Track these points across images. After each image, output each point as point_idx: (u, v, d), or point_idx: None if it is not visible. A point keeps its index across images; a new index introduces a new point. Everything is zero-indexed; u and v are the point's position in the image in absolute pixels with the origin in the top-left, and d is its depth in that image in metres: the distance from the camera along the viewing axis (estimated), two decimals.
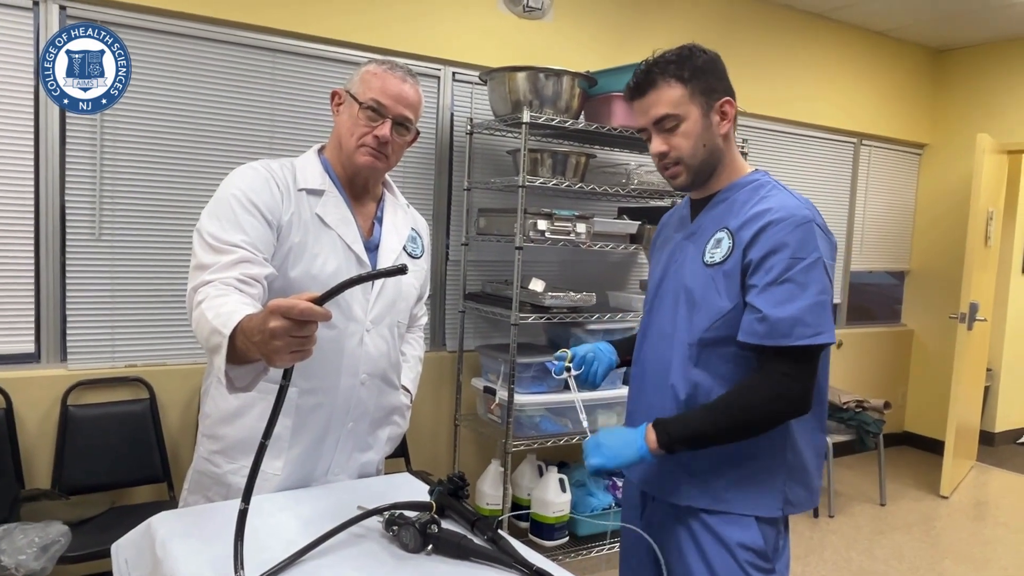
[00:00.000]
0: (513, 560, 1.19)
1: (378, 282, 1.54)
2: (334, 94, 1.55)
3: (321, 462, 1.52)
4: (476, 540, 1.24)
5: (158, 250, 2.70)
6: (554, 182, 2.94)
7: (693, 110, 1.43)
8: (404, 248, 1.61)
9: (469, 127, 3.22)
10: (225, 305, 1.18)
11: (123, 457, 2.59)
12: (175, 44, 2.66)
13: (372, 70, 1.49)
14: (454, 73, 3.25)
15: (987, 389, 5.16)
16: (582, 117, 3.03)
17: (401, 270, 0.98)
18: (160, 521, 1.28)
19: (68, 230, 2.56)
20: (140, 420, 2.64)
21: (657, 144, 1.45)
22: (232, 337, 1.09)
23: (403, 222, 1.64)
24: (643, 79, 1.45)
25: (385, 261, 1.55)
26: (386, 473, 1.68)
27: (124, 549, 1.32)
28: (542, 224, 2.85)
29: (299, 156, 1.56)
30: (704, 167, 1.46)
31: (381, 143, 1.47)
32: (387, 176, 1.65)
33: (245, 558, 1.08)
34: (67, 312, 2.58)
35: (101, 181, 2.58)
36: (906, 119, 5.08)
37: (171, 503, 2.51)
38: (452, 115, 3.27)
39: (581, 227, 2.95)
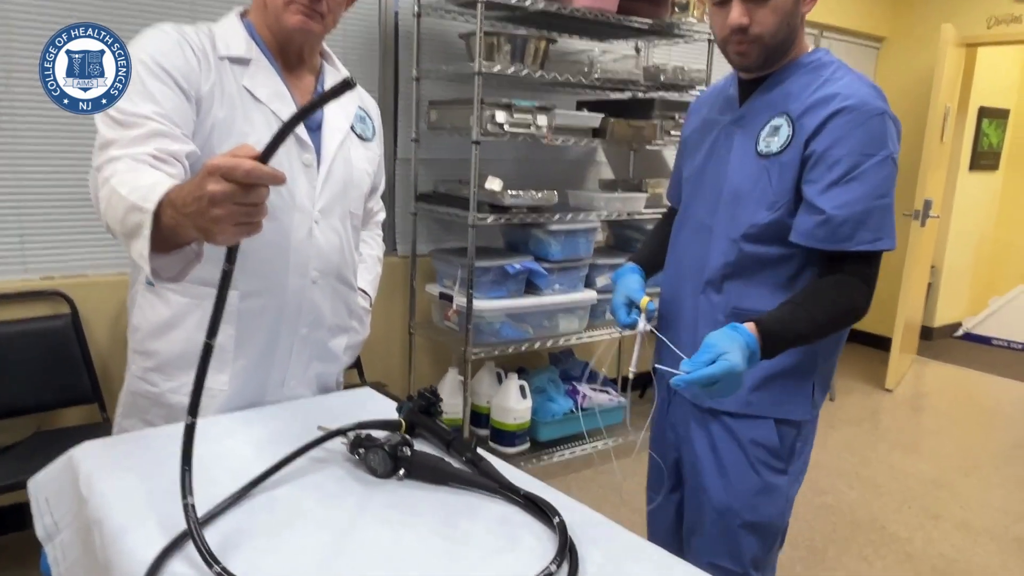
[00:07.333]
0: (498, 484, 1.06)
1: (324, 167, 1.32)
2: None
3: (274, 373, 1.35)
4: (454, 463, 1.11)
5: (73, 143, 2.37)
6: (512, 69, 2.69)
7: None
8: (352, 128, 1.40)
9: (417, 8, 2.90)
10: (142, 178, 0.97)
11: (45, 378, 2.35)
12: None
13: None
14: None
15: (929, 285, 5.27)
16: None
17: (348, 84, 0.77)
18: (83, 453, 1.09)
19: None
20: (62, 337, 2.39)
21: (738, 14, 1.25)
22: (156, 215, 0.90)
23: (349, 98, 1.41)
24: None
25: (330, 141, 1.34)
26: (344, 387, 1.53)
27: (43, 487, 1.13)
28: (500, 116, 2.62)
29: (217, 21, 1.31)
30: (779, 48, 1.30)
31: (314, 0, 1.24)
32: (326, 47, 1.42)
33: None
34: None
35: None
36: (866, 10, 4.92)
37: (105, 425, 2.30)
38: None
39: (542, 119, 2.73)
